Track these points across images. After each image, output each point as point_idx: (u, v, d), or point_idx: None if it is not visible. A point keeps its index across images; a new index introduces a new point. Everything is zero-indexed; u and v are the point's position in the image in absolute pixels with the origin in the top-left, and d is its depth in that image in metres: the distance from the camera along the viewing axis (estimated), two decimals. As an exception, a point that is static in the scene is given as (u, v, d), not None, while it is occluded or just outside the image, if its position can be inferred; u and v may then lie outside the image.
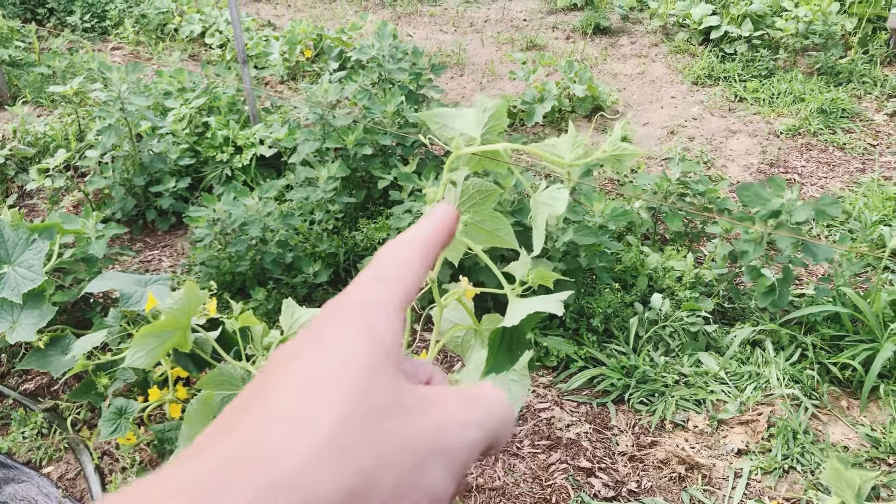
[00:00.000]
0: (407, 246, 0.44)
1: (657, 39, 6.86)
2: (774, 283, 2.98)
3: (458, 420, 0.36)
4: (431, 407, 0.36)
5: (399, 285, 0.41)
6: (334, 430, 0.32)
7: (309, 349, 0.36)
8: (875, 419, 2.70)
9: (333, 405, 0.33)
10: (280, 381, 0.35)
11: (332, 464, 0.32)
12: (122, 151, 3.88)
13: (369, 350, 0.36)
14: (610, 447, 2.59)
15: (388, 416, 0.34)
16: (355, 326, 0.37)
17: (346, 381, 0.34)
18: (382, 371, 0.35)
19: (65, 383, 2.90)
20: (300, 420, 0.33)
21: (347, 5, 8.25)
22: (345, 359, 0.35)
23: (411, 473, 0.33)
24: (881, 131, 5.04)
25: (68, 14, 7.23)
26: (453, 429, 0.36)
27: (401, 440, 0.34)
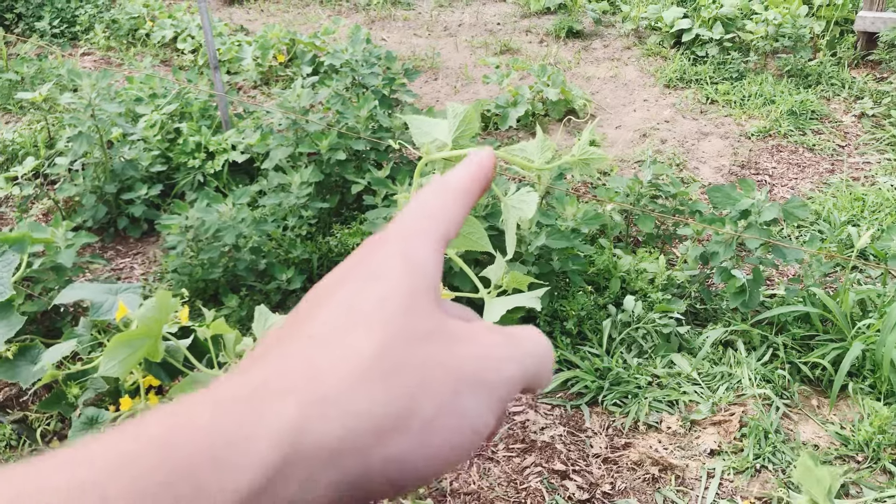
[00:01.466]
0: (448, 186, 0.43)
1: (630, 43, 6.92)
2: (745, 283, 3.01)
3: (497, 354, 0.37)
4: (472, 339, 0.36)
5: (441, 222, 0.41)
6: (378, 353, 0.33)
7: (352, 276, 0.37)
8: (844, 417, 2.73)
9: (376, 329, 0.34)
10: (323, 308, 0.36)
11: (376, 385, 0.32)
12: (92, 158, 3.85)
13: (412, 279, 0.36)
14: (584, 449, 2.61)
15: (430, 342, 0.35)
16: (398, 257, 0.37)
17: (390, 307, 0.35)
18: (424, 299, 0.36)
19: (34, 394, 2.86)
20: (344, 343, 0.33)
21: (320, 9, 8.24)
22: (388, 285, 0.36)
23: (453, 400, 0.34)
24: (849, 132, 5.11)
25: (37, 19, 7.15)
26: (492, 362, 0.36)
27: (443, 366, 0.34)
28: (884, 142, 4.91)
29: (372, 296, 0.35)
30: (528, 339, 0.39)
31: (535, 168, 1.13)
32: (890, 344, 2.69)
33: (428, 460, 0.33)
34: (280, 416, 0.30)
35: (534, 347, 0.39)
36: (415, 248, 0.38)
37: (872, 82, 5.69)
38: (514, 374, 0.37)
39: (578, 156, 1.19)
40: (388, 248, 0.38)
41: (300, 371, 0.32)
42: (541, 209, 3.16)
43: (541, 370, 0.39)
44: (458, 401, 0.34)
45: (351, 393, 0.32)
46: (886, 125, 5.08)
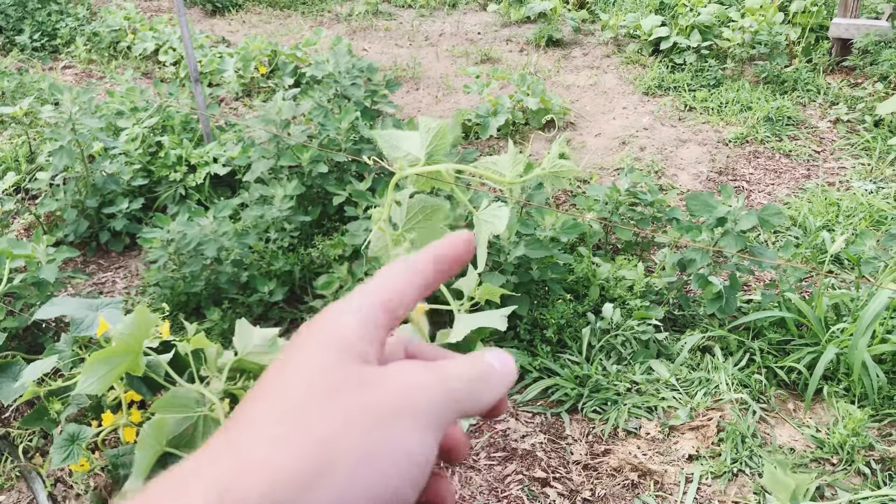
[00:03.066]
0: (399, 264, 0.46)
1: (609, 51, 6.98)
2: (721, 290, 3.06)
3: (417, 382, 0.39)
4: (392, 377, 0.39)
5: (376, 296, 0.43)
6: (296, 414, 0.35)
7: (275, 364, 0.40)
8: (820, 420, 2.78)
9: (292, 397, 0.36)
10: (248, 399, 0.38)
11: (295, 438, 0.34)
12: (74, 173, 3.85)
13: (324, 347, 0.39)
14: (564, 456, 2.64)
15: (347, 392, 0.37)
16: (314, 334, 0.40)
17: (304, 377, 0.37)
18: (338, 360, 0.38)
19: (16, 410, 2.86)
20: (263, 417, 0.36)
21: (302, 20, 8.26)
22: (302, 362, 0.39)
23: (377, 433, 0.36)
24: (825, 138, 5.18)
25: (17, 33, 7.14)
26: (415, 389, 0.38)
27: (361, 405, 0.36)
28: (858, 147, 4.98)
29: (289, 374, 0.38)
30: (457, 365, 0.42)
31: (506, 182, 1.16)
32: (861, 347, 2.74)
33: (366, 498, 0.34)
34: (204, 487, 0.33)
35: (464, 371, 0.41)
36: (336, 321, 0.41)
37: (847, 88, 5.77)
38: (437, 396, 0.39)
39: (549, 169, 1.22)
40: (310, 330, 0.41)
41: (223, 449, 0.35)
42: (520, 219, 3.20)
43: (476, 391, 0.41)
44: (385, 434, 0.36)
45: (271, 452, 0.34)
46: (861, 130, 5.16)
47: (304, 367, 0.38)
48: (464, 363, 0.42)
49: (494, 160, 1.19)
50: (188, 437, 2.18)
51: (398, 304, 0.44)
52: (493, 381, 0.43)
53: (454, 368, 0.41)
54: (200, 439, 2.18)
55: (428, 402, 0.38)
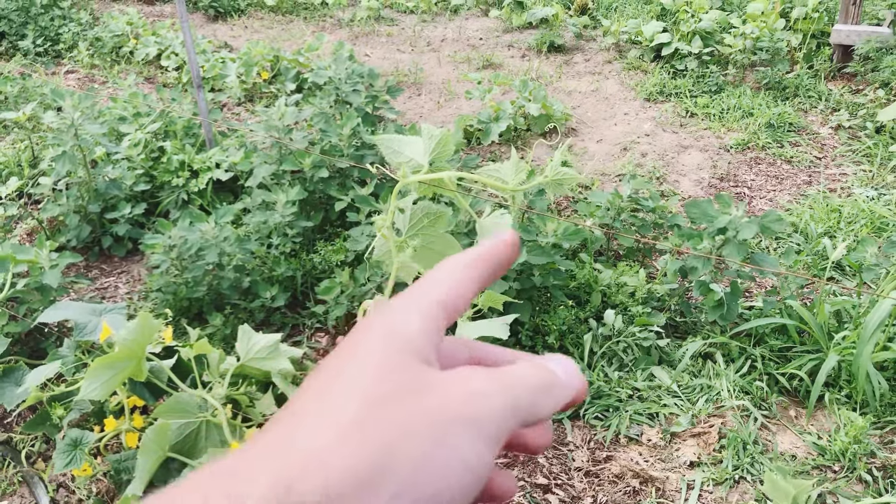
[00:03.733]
0: (454, 260, 0.45)
1: (610, 57, 6.99)
2: (723, 297, 3.06)
3: (479, 390, 0.38)
4: (454, 382, 0.38)
5: (436, 294, 0.42)
6: (355, 415, 0.35)
7: (333, 359, 0.40)
8: (822, 427, 2.78)
9: (353, 396, 0.36)
10: (304, 390, 0.38)
11: (354, 440, 0.34)
12: (76, 178, 3.86)
13: (387, 346, 0.38)
14: (566, 463, 2.64)
15: (409, 395, 0.36)
16: (376, 330, 0.40)
17: (366, 375, 0.37)
18: (404, 362, 0.38)
19: (19, 415, 2.87)
20: (323, 414, 0.36)
21: (304, 26, 8.28)
22: (366, 359, 0.38)
23: (437, 442, 0.35)
24: (826, 144, 5.19)
25: (21, 38, 7.16)
26: (477, 398, 0.37)
27: (423, 412, 0.36)
28: (859, 153, 4.99)
29: (350, 370, 0.38)
30: (521, 372, 0.41)
31: (509, 189, 1.17)
32: (865, 355, 2.74)
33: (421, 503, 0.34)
34: (266, 480, 0.33)
35: (529, 379, 0.40)
36: (394, 318, 0.40)
37: (848, 94, 5.78)
38: (499, 407, 0.37)
39: (551, 176, 1.22)
40: (371, 325, 0.40)
41: (281, 443, 0.35)
42: (522, 225, 3.20)
43: (538, 401, 0.40)
44: (445, 441, 0.35)
45: (329, 452, 0.34)
46: (862, 137, 5.16)
47: (366, 365, 0.38)
48: (528, 370, 0.41)
49: (497, 167, 1.19)
50: (191, 443, 2.19)
51: (457, 301, 0.43)
52: (555, 392, 0.42)
53: (518, 376, 0.40)
54: (203, 444, 2.19)
55: (490, 411, 0.37)
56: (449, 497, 0.35)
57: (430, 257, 1.21)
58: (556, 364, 0.43)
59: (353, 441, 0.34)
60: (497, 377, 0.39)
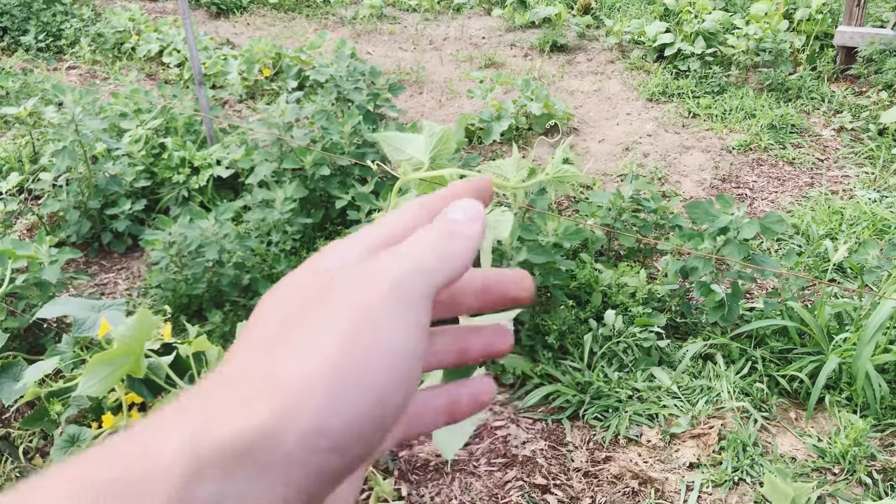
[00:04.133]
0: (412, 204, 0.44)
1: (613, 56, 6.98)
2: (724, 298, 3.05)
3: (383, 268, 0.36)
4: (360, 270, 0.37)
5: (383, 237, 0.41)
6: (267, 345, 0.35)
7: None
8: (822, 429, 2.77)
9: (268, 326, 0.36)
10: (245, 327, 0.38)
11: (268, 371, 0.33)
12: (76, 174, 3.85)
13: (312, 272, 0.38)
14: (565, 463, 2.63)
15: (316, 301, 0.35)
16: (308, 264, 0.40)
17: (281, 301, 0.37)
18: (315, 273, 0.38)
19: (17, 410, 2.86)
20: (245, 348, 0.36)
21: (307, 23, 8.27)
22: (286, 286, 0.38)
23: (349, 338, 0.33)
24: (828, 146, 5.18)
25: (22, 34, 7.15)
26: (381, 279, 0.36)
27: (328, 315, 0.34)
28: (862, 155, 4.98)
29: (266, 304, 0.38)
30: (416, 235, 0.39)
31: (510, 187, 1.16)
32: (865, 357, 2.73)
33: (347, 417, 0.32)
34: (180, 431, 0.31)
35: (422, 238, 0.39)
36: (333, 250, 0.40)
37: (851, 96, 5.77)
38: (406, 279, 0.36)
39: (553, 174, 1.22)
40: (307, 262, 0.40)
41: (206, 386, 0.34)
42: (522, 224, 3.20)
43: (447, 253, 0.38)
44: (358, 337, 0.33)
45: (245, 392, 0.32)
46: (865, 139, 5.15)
47: (279, 294, 0.37)
48: (424, 230, 0.40)
49: (498, 164, 1.19)
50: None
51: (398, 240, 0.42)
52: (462, 234, 0.40)
53: (414, 239, 0.39)
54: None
55: (398, 286, 0.35)
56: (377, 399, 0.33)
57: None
58: (454, 208, 0.42)
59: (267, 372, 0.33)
60: (390, 250, 0.38)
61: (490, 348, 0.45)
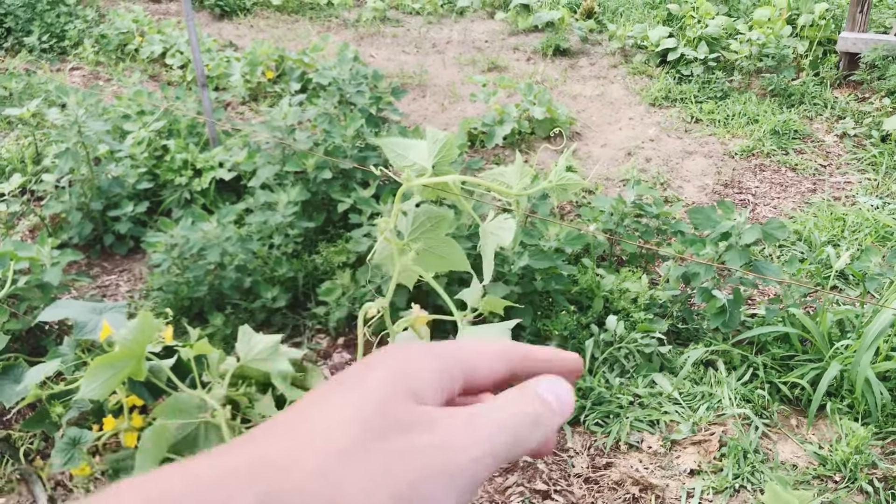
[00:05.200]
0: (496, 346, 0.44)
1: (616, 61, 6.98)
2: (725, 304, 3.05)
3: (456, 442, 0.37)
4: (434, 429, 0.37)
5: (459, 354, 0.42)
6: (341, 450, 0.35)
7: (343, 377, 0.40)
8: (823, 436, 2.77)
9: (345, 429, 0.36)
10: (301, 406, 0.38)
11: (335, 474, 0.34)
12: (79, 175, 3.86)
13: (389, 384, 0.38)
14: (566, 469, 2.63)
15: (394, 436, 0.36)
16: (390, 364, 0.40)
17: (366, 406, 0.37)
18: (399, 399, 0.38)
19: (17, 412, 2.86)
20: (314, 438, 0.36)
21: (310, 25, 8.28)
22: (366, 390, 0.38)
23: (409, 490, 0.35)
24: (831, 152, 5.18)
25: (26, 34, 7.16)
26: (451, 451, 0.36)
27: (403, 459, 0.35)
28: (865, 162, 4.97)
29: (352, 397, 0.37)
30: (503, 411, 0.39)
31: (513, 194, 1.16)
32: (865, 364, 2.72)
33: None
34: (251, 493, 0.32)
35: (509, 419, 0.39)
36: (412, 359, 0.40)
37: (854, 102, 5.77)
38: (476, 457, 0.37)
39: (556, 181, 1.22)
40: (388, 356, 0.40)
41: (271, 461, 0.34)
42: (524, 229, 3.20)
43: (523, 435, 0.39)
44: (416, 491, 0.35)
45: (310, 481, 0.34)
46: (867, 145, 5.15)
47: (369, 397, 0.38)
48: (513, 408, 0.40)
49: (501, 171, 1.19)
50: (190, 443, 2.18)
51: (479, 371, 0.42)
52: (543, 424, 0.40)
53: (499, 418, 0.39)
54: (202, 445, 2.18)
55: (465, 463, 0.37)
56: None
57: (432, 261, 1.20)
58: (547, 389, 0.41)
59: (335, 474, 0.34)
60: (478, 424, 0.38)
61: None
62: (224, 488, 0.33)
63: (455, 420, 0.38)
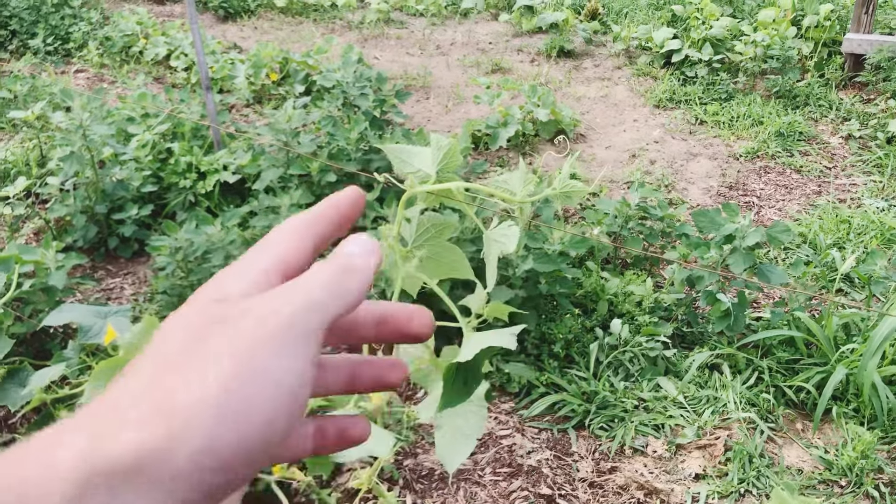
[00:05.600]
0: (288, 224, 0.46)
1: (620, 62, 6.98)
2: (730, 307, 3.04)
3: (268, 309, 0.39)
4: (252, 307, 0.39)
5: (260, 261, 0.43)
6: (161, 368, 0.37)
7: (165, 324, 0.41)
8: (829, 441, 2.76)
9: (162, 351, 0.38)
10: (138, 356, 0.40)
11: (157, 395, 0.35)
12: (84, 178, 3.86)
13: (202, 296, 0.41)
14: (570, 473, 2.62)
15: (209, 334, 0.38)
16: (199, 300, 0.41)
17: (176, 329, 0.39)
18: (210, 301, 0.40)
19: (22, 416, 2.86)
20: (137, 372, 0.37)
21: (314, 27, 8.29)
22: (180, 316, 0.40)
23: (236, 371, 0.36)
24: (836, 154, 5.16)
25: (31, 37, 7.17)
26: (267, 318, 0.38)
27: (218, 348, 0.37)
28: (870, 164, 4.96)
29: (162, 332, 0.39)
30: (312, 273, 0.41)
31: (517, 201, 1.16)
32: (871, 368, 2.71)
33: (235, 440, 0.35)
34: (72, 445, 0.34)
35: (316, 275, 0.41)
36: (219, 283, 0.41)
37: (859, 104, 5.75)
38: (295, 315, 0.38)
39: (560, 189, 1.21)
40: (195, 297, 0.41)
41: (97, 407, 0.36)
42: (528, 232, 3.19)
43: (340, 290, 0.41)
44: (245, 370, 0.36)
45: (137, 412, 0.35)
46: (873, 147, 5.14)
47: (178, 323, 0.39)
48: (318, 266, 0.42)
49: (505, 178, 1.18)
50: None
51: (287, 263, 0.43)
52: (358, 270, 0.43)
53: (307, 276, 0.41)
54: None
55: (289, 325, 0.38)
56: (265, 425, 0.36)
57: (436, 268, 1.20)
58: (352, 244, 0.45)
59: (156, 396, 0.35)
60: (286, 286, 0.40)
61: (381, 380, 0.49)
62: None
63: (265, 295, 0.40)
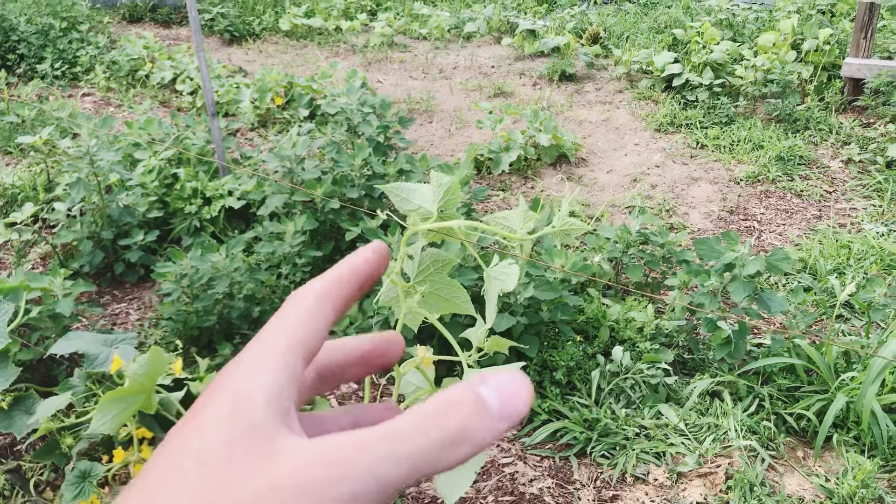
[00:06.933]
0: (305, 293, 0.41)
1: (621, 86, 7.03)
2: (730, 335, 3.06)
3: (317, 479, 0.32)
4: (309, 451, 0.33)
5: (282, 342, 0.38)
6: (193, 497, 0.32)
7: (181, 428, 0.36)
8: (829, 469, 2.77)
9: (187, 488, 0.32)
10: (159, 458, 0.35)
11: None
12: (90, 204, 3.91)
13: (233, 425, 0.34)
14: (572, 502, 2.64)
15: (253, 473, 0.32)
16: (224, 398, 0.35)
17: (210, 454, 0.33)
18: (246, 443, 0.33)
19: (28, 443, 2.89)
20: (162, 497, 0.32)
21: (318, 51, 8.36)
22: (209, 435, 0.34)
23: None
24: (836, 178, 5.20)
25: (39, 61, 7.26)
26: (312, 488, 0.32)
27: (257, 489, 0.32)
28: (870, 188, 4.99)
29: (194, 445, 0.34)
30: (403, 428, 0.34)
31: (517, 238, 1.19)
32: (870, 396, 2.73)
33: None
34: None
35: (389, 447, 0.33)
36: (244, 385, 0.36)
37: (859, 128, 5.79)
38: (343, 494, 0.32)
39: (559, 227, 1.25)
40: (217, 390, 0.36)
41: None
42: (529, 261, 3.22)
43: (434, 458, 0.33)
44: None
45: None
46: (872, 171, 5.17)
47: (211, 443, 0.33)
48: (426, 415, 0.34)
49: (505, 215, 1.21)
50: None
51: (312, 339, 0.39)
52: (470, 443, 0.34)
53: (401, 433, 0.34)
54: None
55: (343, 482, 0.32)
56: None
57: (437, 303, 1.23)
58: (493, 387, 0.35)
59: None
60: (342, 460, 0.33)
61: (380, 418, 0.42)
62: None
63: (311, 454, 0.33)
